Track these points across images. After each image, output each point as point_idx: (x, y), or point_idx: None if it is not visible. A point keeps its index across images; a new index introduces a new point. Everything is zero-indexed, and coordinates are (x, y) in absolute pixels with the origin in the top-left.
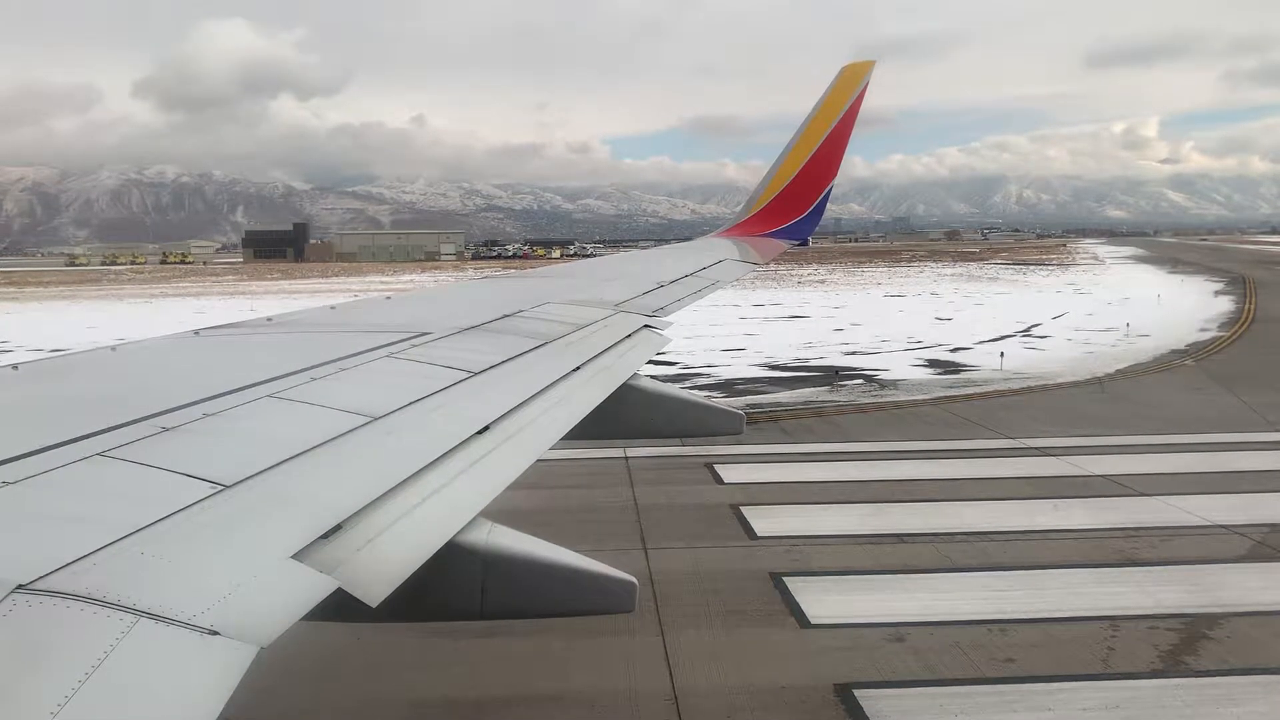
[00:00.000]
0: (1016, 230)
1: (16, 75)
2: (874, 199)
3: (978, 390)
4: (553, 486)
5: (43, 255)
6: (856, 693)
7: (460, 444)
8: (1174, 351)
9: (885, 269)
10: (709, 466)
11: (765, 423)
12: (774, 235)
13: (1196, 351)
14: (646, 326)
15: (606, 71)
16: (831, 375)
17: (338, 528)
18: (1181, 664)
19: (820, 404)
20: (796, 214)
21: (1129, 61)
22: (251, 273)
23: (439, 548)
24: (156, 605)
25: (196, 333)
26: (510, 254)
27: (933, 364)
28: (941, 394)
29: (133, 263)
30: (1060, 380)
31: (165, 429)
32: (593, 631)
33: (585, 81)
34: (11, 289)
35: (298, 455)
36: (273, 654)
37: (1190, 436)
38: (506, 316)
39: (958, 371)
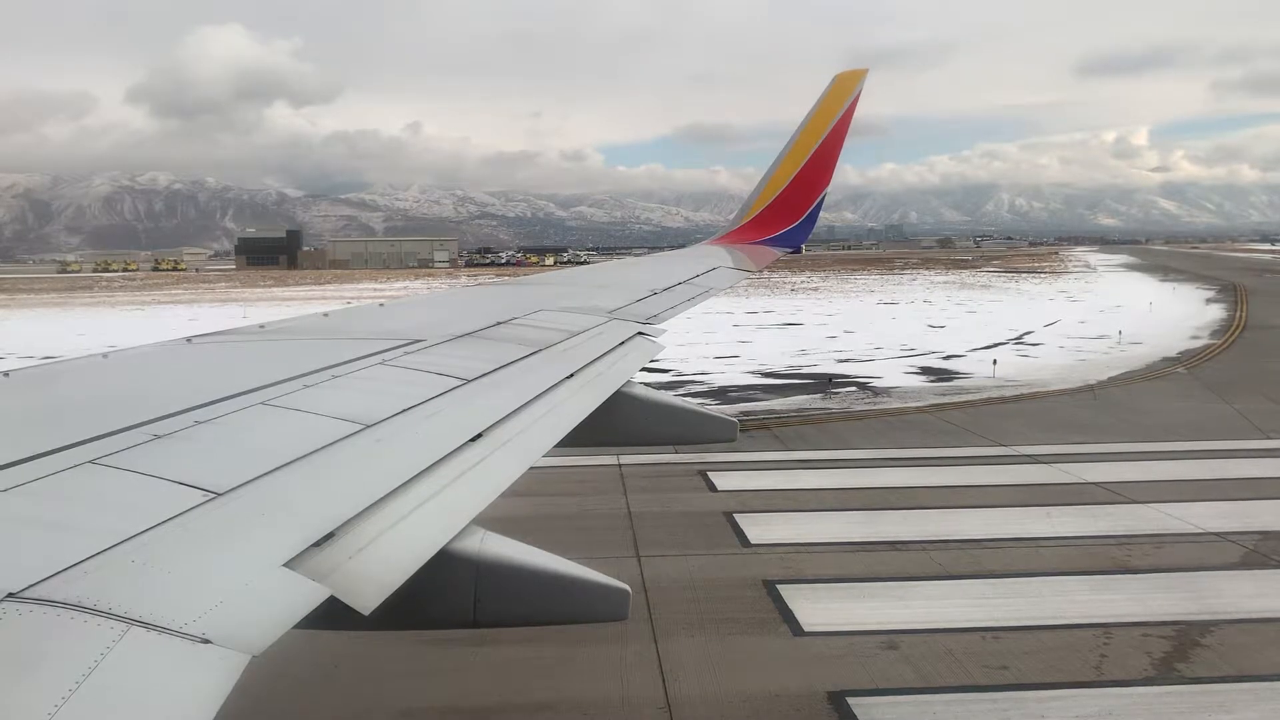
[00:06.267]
0: (1009, 238)
1: (9, 81)
2: (867, 207)
3: (970, 398)
4: (546, 494)
5: (35, 262)
6: (850, 700)
7: (453, 451)
8: (1166, 359)
9: (878, 276)
10: (702, 474)
11: (759, 430)
12: (767, 243)
13: (1188, 359)
14: (640, 334)
15: (600, 80)
16: (825, 383)
17: (330, 535)
18: (1174, 671)
19: (814, 411)
20: (790, 222)
21: (1118, 71)
22: (244, 280)
23: (432, 555)
24: (148, 613)
25: (189, 340)
26: (503, 261)
27: (926, 371)
28: (934, 401)
29: (125, 270)
30: (1053, 388)
31: (157, 436)
32: (586, 639)
33: (579, 90)
34: (3, 296)
35: (290, 463)
36: (265, 663)
37: (1182, 444)
38: (500, 324)
39: (950, 379)
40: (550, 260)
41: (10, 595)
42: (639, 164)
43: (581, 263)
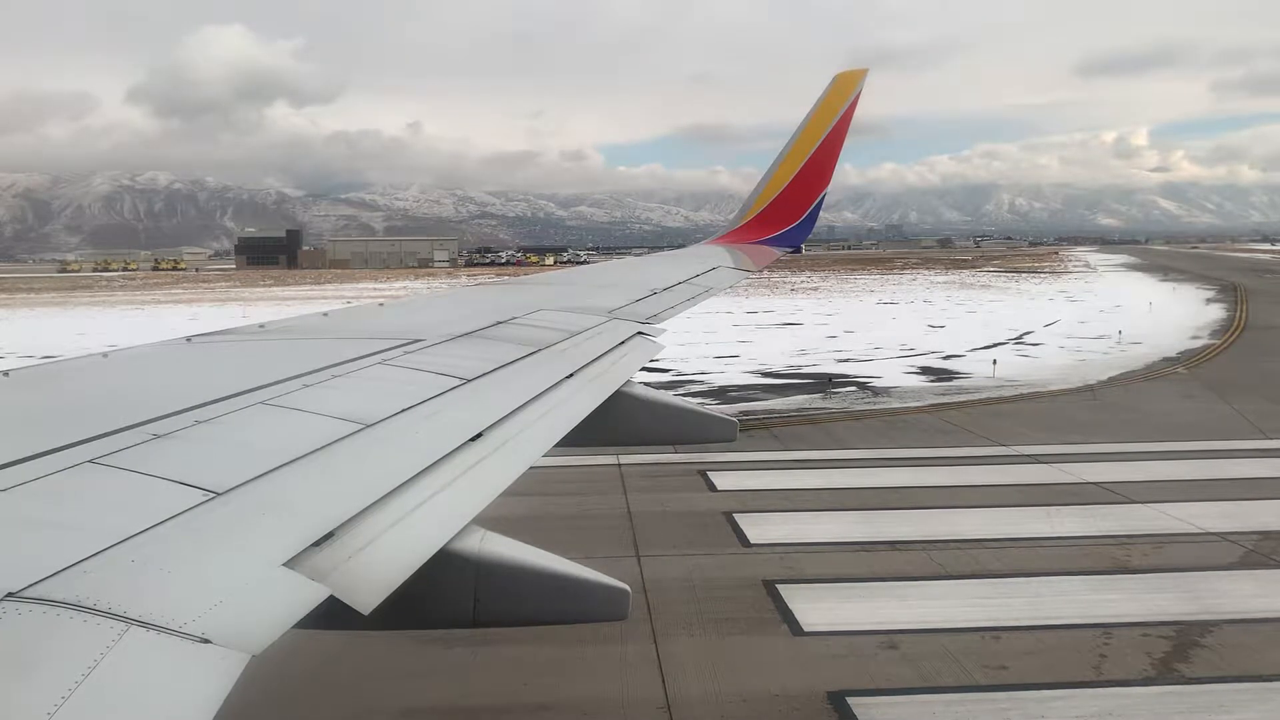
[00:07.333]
0: (1009, 238)
1: (10, 81)
2: (867, 207)
3: (970, 398)
4: (546, 494)
5: (34, 262)
6: (850, 700)
7: (453, 451)
8: (1166, 359)
9: (878, 276)
10: (702, 474)
11: (758, 430)
12: (767, 243)
13: (1188, 359)
14: (640, 333)
15: (601, 79)
16: (824, 382)
17: (330, 535)
18: (1174, 671)
19: (813, 411)
20: (789, 221)
21: (1119, 71)
22: (244, 279)
23: (431, 555)
24: (148, 613)
25: (189, 339)
26: (503, 261)
27: (925, 371)
28: (934, 401)
29: (125, 269)
30: (1052, 388)
31: (157, 436)
32: (586, 639)
33: (580, 89)
34: (3, 295)
35: (290, 462)
36: (264, 662)
37: (1182, 444)
38: (500, 324)
39: (950, 379)
40: (550, 260)
41: (10, 595)
42: (639, 164)
43: (581, 262)
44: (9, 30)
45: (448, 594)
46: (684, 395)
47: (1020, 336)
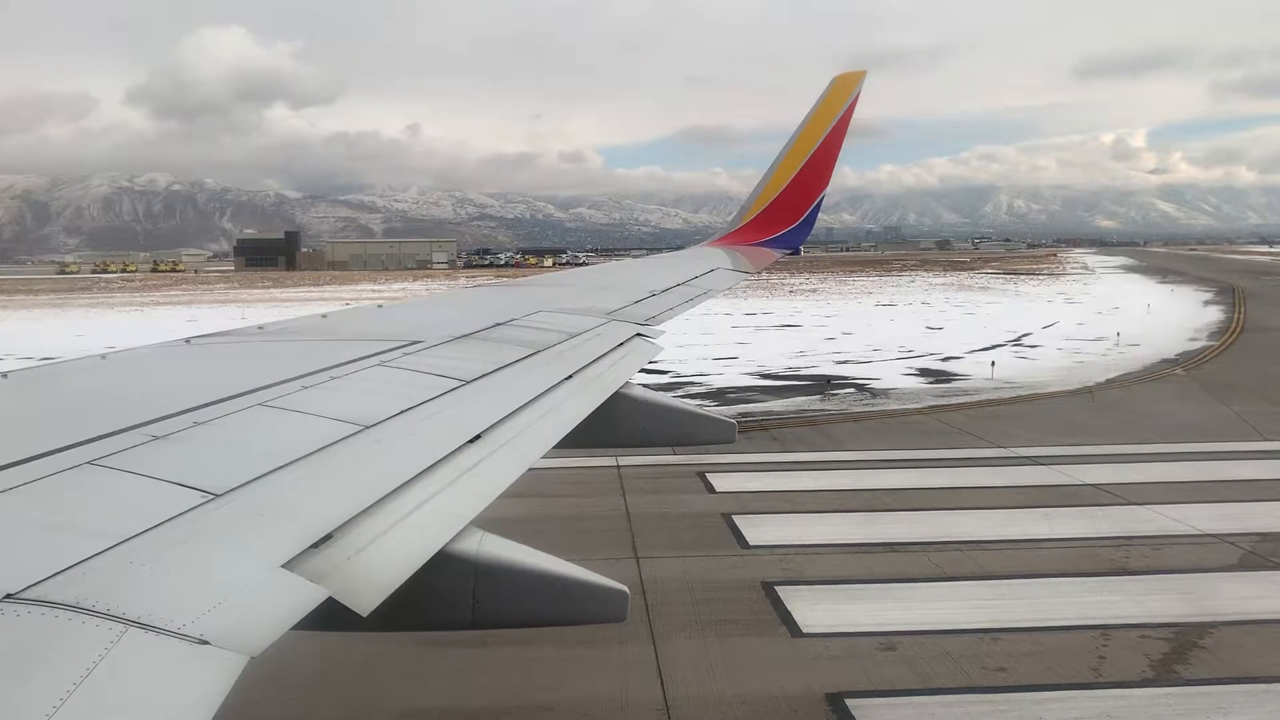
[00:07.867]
0: (1007, 240)
1: (9, 81)
2: (865, 208)
3: (969, 399)
4: (544, 495)
5: (33, 263)
6: (848, 702)
7: (452, 453)
8: (1164, 361)
9: (876, 278)
10: (701, 475)
11: (757, 431)
12: (766, 244)
13: (1186, 361)
14: (639, 335)
15: (600, 81)
16: (823, 384)
17: (328, 537)
18: (1173, 673)
19: (812, 413)
20: (788, 223)
21: (1117, 73)
22: (243, 281)
23: (430, 557)
24: (146, 614)
25: (187, 341)
26: (502, 262)
27: (924, 373)
28: (933, 403)
29: (124, 271)
30: (1051, 389)
31: (155, 437)
32: (585, 641)
33: (579, 91)
34: (1, 297)
35: (288, 464)
36: (263, 664)
37: (1180, 445)
38: (498, 325)
39: (949, 380)
40: (549, 262)
41: (9, 596)
42: (638, 165)
43: (580, 264)
44: (9, 30)
45: (447, 595)
46: (683, 397)
47: (1019, 338)
